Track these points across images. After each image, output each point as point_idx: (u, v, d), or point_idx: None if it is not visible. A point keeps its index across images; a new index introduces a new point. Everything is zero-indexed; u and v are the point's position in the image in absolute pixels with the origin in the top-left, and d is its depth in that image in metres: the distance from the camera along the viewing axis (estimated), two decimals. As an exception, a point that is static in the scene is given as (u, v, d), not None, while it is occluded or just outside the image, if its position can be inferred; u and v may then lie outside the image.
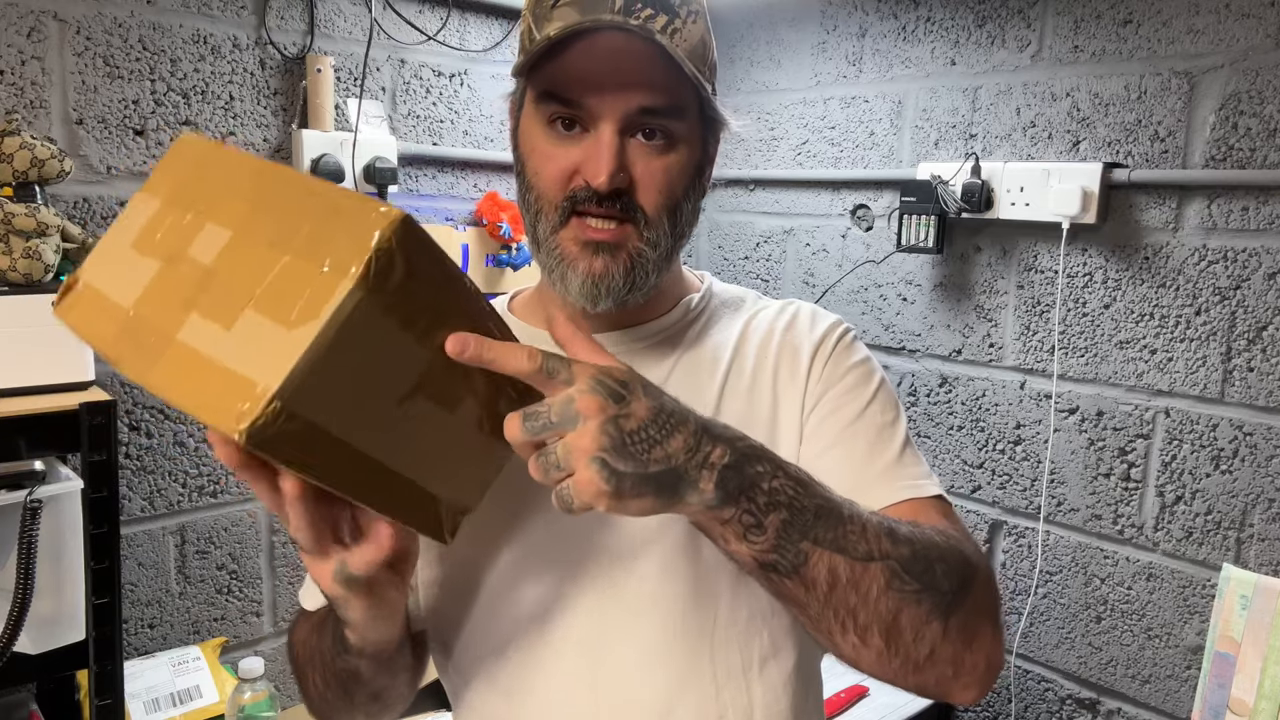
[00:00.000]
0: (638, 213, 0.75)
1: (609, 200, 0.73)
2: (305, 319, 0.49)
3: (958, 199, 1.61)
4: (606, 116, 0.73)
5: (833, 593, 0.63)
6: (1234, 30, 1.36)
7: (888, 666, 0.66)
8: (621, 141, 0.73)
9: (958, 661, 0.67)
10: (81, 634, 1.14)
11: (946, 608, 0.65)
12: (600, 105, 0.73)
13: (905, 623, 0.64)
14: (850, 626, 0.64)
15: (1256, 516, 1.39)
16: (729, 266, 2.12)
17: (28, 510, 1.06)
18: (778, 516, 0.61)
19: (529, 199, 0.78)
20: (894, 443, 0.80)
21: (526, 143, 0.78)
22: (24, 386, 1.14)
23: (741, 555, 0.62)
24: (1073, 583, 1.60)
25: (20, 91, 1.31)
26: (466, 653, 0.83)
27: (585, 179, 0.73)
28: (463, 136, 1.78)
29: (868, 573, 0.63)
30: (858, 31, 1.83)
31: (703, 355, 0.83)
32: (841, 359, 0.83)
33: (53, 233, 1.18)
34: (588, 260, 0.75)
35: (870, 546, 0.64)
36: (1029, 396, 1.64)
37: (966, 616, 0.66)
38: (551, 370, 0.57)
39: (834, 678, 1.24)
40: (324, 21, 1.57)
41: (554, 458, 0.56)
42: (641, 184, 0.75)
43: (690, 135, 0.77)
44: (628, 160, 0.74)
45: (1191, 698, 1.46)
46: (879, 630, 0.64)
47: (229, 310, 0.52)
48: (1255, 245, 1.37)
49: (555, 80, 0.74)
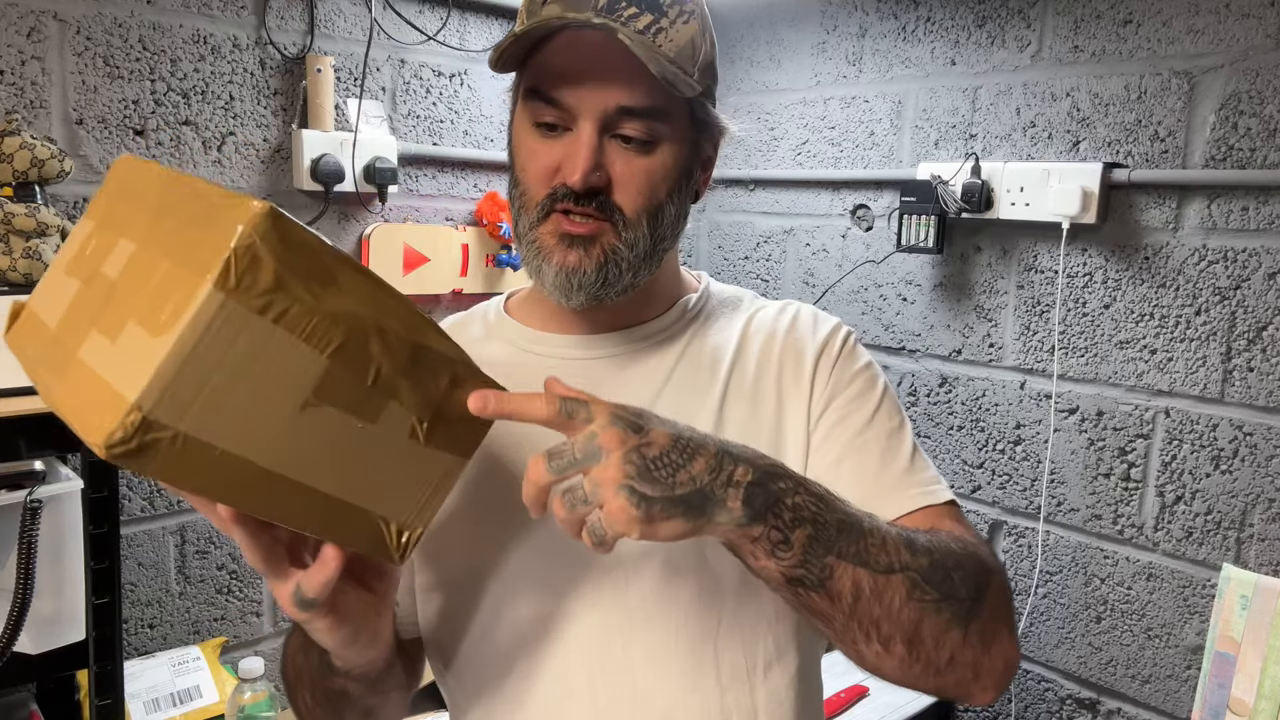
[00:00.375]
0: (615, 212, 0.75)
1: (585, 199, 0.74)
2: (168, 326, 0.46)
3: (958, 199, 1.61)
4: (585, 114, 0.73)
5: (857, 605, 0.64)
6: (1234, 30, 1.36)
7: (909, 673, 0.67)
8: (600, 141, 0.73)
9: (977, 665, 0.68)
10: (81, 634, 1.14)
11: (966, 614, 0.66)
12: (578, 102, 0.73)
13: (926, 631, 0.65)
14: (874, 637, 0.65)
15: (1256, 516, 1.39)
16: (729, 266, 2.12)
17: (28, 510, 1.06)
18: (803, 532, 0.62)
19: (514, 194, 0.80)
20: (903, 450, 0.80)
21: (515, 138, 0.80)
22: (24, 386, 1.13)
23: (770, 571, 0.63)
24: (1073, 583, 1.60)
25: (20, 91, 1.31)
26: (467, 659, 0.82)
27: (563, 177, 0.74)
28: (463, 136, 1.78)
29: (890, 584, 0.64)
30: (858, 31, 1.83)
31: (703, 356, 0.83)
32: (846, 365, 0.83)
33: (53, 233, 1.18)
34: (562, 253, 0.75)
35: (891, 559, 0.65)
36: (1029, 396, 1.64)
37: (985, 621, 0.68)
38: (571, 411, 0.57)
39: (834, 678, 1.24)
40: (324, 21, 1.57)
41: (581, 493, 0.56)
42: (620, 184, 0.75)
43: (676, 137, 0.77)
44: (606, 160, 0.74)
45: (1191, 698, 1.46)
46: (901, 639, 0.65)
47: (117, 323, 0.49)
48: (1255, 245, 1.37)
49: (538, 76, 0.75)
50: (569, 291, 0.76)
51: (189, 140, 1.46)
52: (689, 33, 0.74)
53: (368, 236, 1.64)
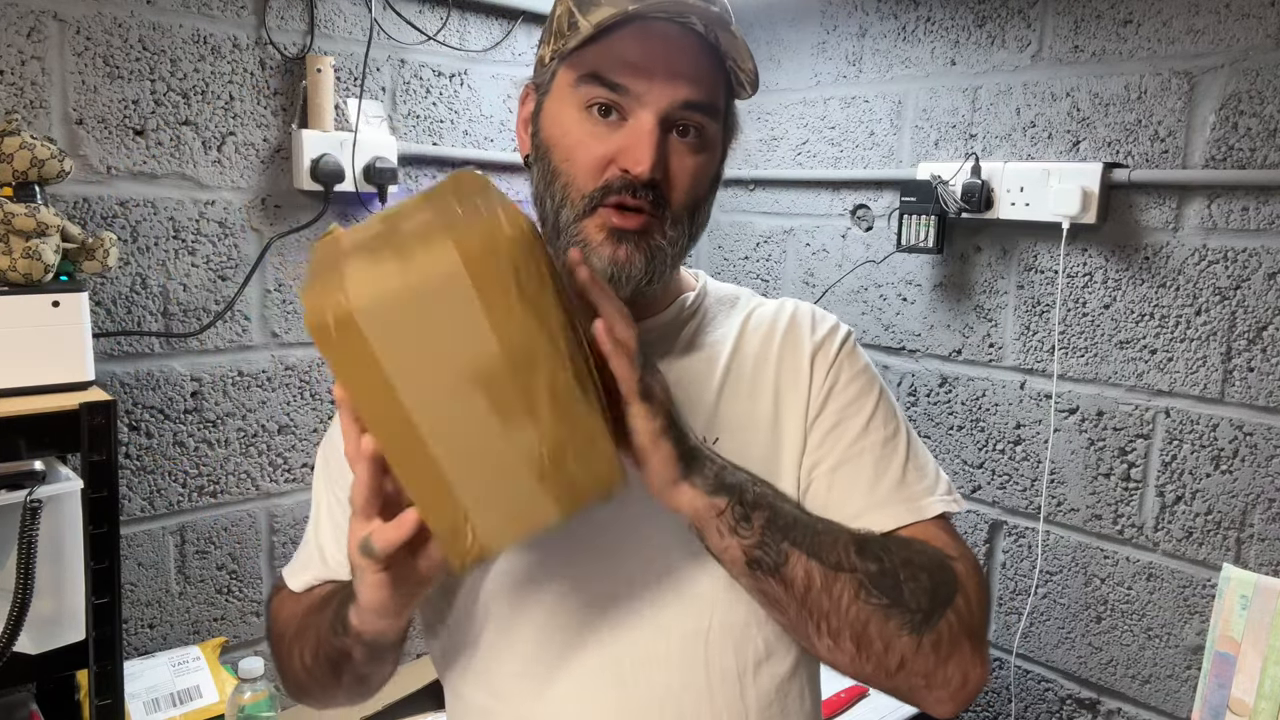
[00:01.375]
0: (666, 208, 0.75)
1: (644, 190, 0.73)
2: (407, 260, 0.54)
3: (958, 199, 1.61)
4: (650, 105, 0.72)
5: (808, 595, 0.68)
6: (1234, 30, 1.36)
7: (861, 670, 0.70)
8: (662, 134, 0.73)
9: (930, 675, 0.70)
10: (81, 634, 1.13)
11: (918, 624, 0.69)
12: (648, 92, 0.72)
13: (874, 633, 0.68)
14: (825, 630, 0.69)
15: (1256, 516, 1.39)
16: (729, 266, 2.12)
17: (28, 510, 1.06)
18: (762, 514, 0.68)
19: (555, 186, 0.76)
20: (895, 461, 0.80)
21: (556, 127, 0.76)
22: (24, 386, 1.14)
23: (732, 551, 0.68)
24: (1073, 583, 1.60)
25: (20, 91, 1.31)
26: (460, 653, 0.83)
27: (625, 167, 0.72)
28: (463, 136, 1.78)
29: (838, 581, 0.68)
30: (858, 31, 1.83)
31: (700, 353, 0.83)
32: (843, 367, 0.83)
33: (53, 233, 1.18)
34: (612, 247, 0.74)
35: (840, 557, 0.69)
36: (1029, 396, 1.64)
37: (941, 634, 0.69)
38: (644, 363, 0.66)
39: (834, 678, 1.24)
40: (324, 21, 1.57)
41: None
42: (674, 179, 0.75)
43: (717, 138, 0.78)
44: (666, 153, 0.74)
45: (1191, 698, 1.46)
46: (850, 636, 0.69)
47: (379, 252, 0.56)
48: (1255, 245, 1.37)
49: (603, 63, 0.73)
50: (618, 287, 0.74)
51: (189, 140, 1.46)
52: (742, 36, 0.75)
53: (368, 236, 1.64)
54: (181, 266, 1.47)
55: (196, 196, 1.48)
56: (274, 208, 1.55)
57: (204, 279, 1.49)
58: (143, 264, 1.43)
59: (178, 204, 1.46)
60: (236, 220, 1.52)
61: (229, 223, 1.51)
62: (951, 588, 0.71)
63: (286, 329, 1.59)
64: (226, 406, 1.54)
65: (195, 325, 1.49)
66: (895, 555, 0.71)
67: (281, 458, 1.61)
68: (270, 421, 1.59)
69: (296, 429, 1.62)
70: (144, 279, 1.44)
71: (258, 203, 1.54)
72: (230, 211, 1.51)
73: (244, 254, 1.53)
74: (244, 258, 1.53)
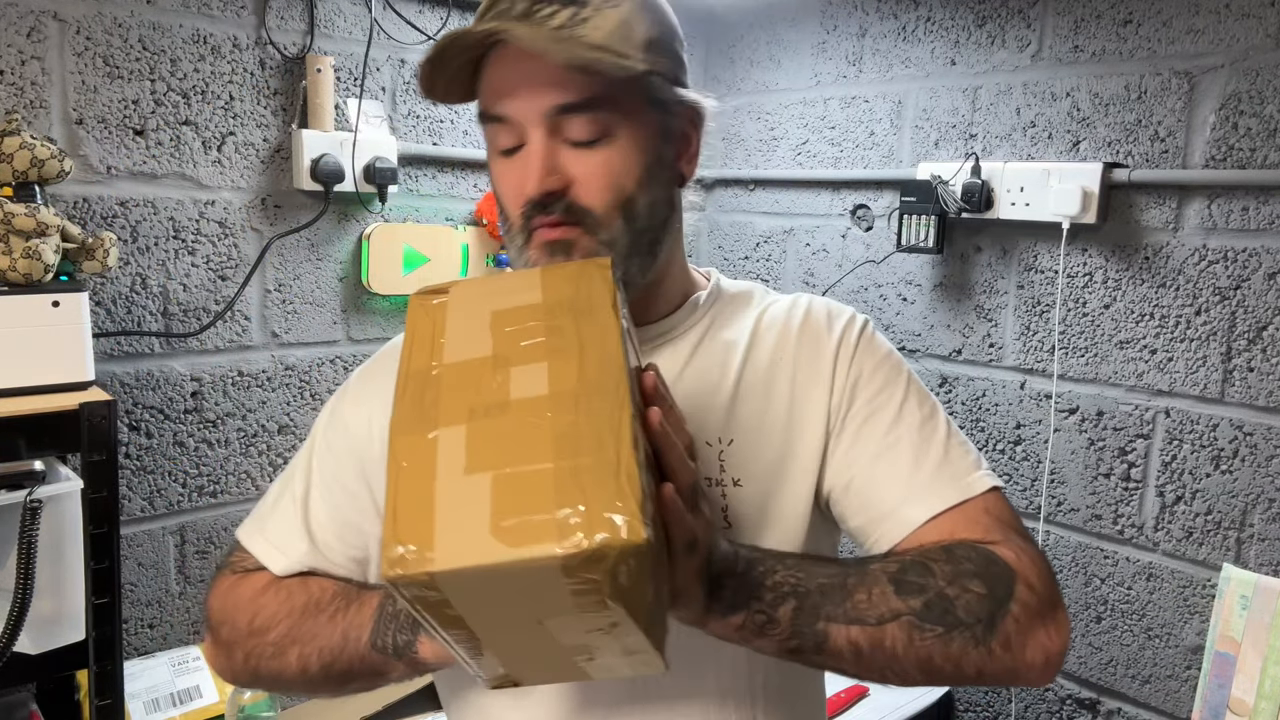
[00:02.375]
0: (584, 214, 0.74)
1: (550, 207, 0.73)
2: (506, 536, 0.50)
3: (958, 199, 1.61)
4: (528, 123, 0.73)
5: (859, 659, 0.66)
6: (1234, 30, 1.36)
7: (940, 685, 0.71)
8: (551, 146, 0.72)
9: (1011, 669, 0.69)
10: (81, 634, 1.13)
11: (981, 636, 0.67)
12: (518, 111, 0.72)
13: (940, 661, 0.67)
14: (890, 677, 0.68)
15: (1256, 516, 1.39)
16: (729, 266, 2.12)
17: (28, 510, 1.06)
18: (789, 606, 0.65)
19: (506, 226, 0.78)
20: (935, 441, 0.79)
21: (491, 173, 0.79)
22: (24, 386, 1.14)
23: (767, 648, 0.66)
24: (1073, 583, 1.60)
25: (20, 91, 1.30)
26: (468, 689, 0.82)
27: (524, 193, 0.73)
28: (463, 136, 1.78)
29: (886, 635, 0.66)
30: (858, 31, 1.83)
31: (714, 352, 0.83)
32: (865, 356, 0.82)
33: (53, 233, 1.18)
34: (548, 260, 0.74)
35: (882, 609, 0.66)
36: (1029, 396, 1.64)
37: (1009, 630, 0.68)
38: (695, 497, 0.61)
39: (834, 677, 1.24)
40: (324, 21, 1.57)
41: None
42: (580, 183, 0.73)
43: (633, 123, 0.74)
44: (562, 163, 0.73)
45: (1191, 698, 1.46)
46: (918, 673, 0.67)
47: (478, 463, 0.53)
48: (1255, 245, 1.37)
49: (483, 101, 0.75)
50: None
51: (189, 140, 1.46)
52: (618, 15, 0.72)
53: (368, 236, 1.64)
54: (181, 266, 1.47)
55: (196, 196, 1.47)
56: (274, 208, 1.55)
57: (204, 279, 1.49)
58: (143, 264, 1.43)
59: (178, 204, 1.46)
60: (236, 220, 1.52)
61: (229, 223, 1.51)
62: (1007, 581, 0.69)
63: (286, 329, 1.59)
64: (226, 406, 1.54)
65: (195, 325, 1.49)
66: (938, 575, 0.68)
67: (281, 458, 1.61)
68: (270, 421, 1.59)
69: (296, 429, 1.62)
70: (144, 279, 1.44)
71: (258, 203, 1.54)
72: (230, 211, 1.51)
73: (244, 254, 1.53)
74: (244, 258, 1.53)
